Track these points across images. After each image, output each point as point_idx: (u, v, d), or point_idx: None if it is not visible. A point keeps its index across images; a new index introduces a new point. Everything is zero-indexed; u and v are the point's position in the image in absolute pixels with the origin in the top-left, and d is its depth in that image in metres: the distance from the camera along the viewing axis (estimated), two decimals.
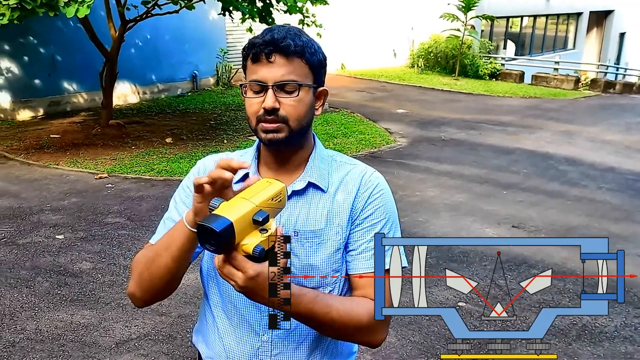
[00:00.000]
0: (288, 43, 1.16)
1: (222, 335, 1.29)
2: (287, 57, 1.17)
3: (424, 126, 9.56)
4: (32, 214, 5.02)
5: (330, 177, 1.28)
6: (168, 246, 1.16)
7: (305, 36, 1.22)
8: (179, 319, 3.45)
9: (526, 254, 4.61)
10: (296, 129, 1.20)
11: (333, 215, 1.24)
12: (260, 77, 1.17)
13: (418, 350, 3.24)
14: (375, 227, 1.25)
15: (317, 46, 1.24)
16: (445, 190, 6.19)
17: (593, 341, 3.41)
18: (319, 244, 1.23)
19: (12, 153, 6.89)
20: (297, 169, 1.27)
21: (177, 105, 10.10)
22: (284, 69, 1.17)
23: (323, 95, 1.28)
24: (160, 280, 1.20)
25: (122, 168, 6.41)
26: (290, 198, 1.24)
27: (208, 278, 1.32)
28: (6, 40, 8.51)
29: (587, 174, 7.14)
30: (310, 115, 1.24)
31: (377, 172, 1.32)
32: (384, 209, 1.27)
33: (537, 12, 20.18)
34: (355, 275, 1.25)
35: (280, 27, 1.20)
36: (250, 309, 1.25)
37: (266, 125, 1.18)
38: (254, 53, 1.17)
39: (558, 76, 15.64)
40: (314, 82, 1.22)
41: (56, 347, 3.13)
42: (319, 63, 1.23)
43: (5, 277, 3.88)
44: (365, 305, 1.20)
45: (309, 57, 1.19)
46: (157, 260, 1.18)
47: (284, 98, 1.18)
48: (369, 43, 15.18)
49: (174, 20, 8.66)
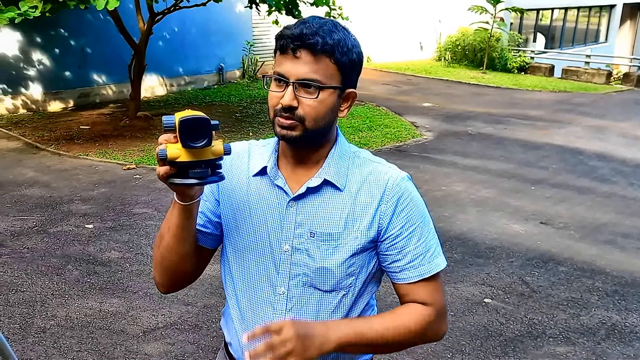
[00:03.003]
0: (316, 40, 1.10)
1: (236, 325, 1.30)
2: (314, 55, 1.11)
3: (450, 120, 9.46)
4: (62, 203, 5.12)
5: (350, 175, 1.22)
6: (169, 226, 1.18)
7: (341, 32, 1.14)
8: (205, 309, 3.49)
9: (554, 250, 4.54)
10: (312, 129, 1.15)
11: (354, 219, 1.20)
12: (284, 71, 1.13)
13: (443, 346, 3.22)
14: (415, 233, 1.22)
15: (353, 44, 1.16)
16: (471, 185, 6.12)
17: (623, 341, 3.34)
18: (336, 247, 1.20)
19: (43, 143, 7.03)
20: (315, 165, 1.23)
21: (204, 98, 10.18)
22: (308, 67, 1.12)
23: (351, 97, 1.21)
24: (170, 262, 1.23)
25: (150, 159, 6.49)
26: (306, 196, 1.21)
27: (226, 265, 1.32)
28: (38, 33, 8.67)
29: (618, 170, 6.98)
30: (331, 117, 1.18)
31: (402, 174, 1.26)
32: (417, 214, 1.23)
33: (568, 4, 19.75)
34: (402, 285, 1.25)
35: (315, 20, 1.14)
36: (263, 305, 1.25)
37: (282, 120, 1.15)
38: (282, 45, 1.13)
39: (589, 70, 15.29)
40: (340, 83, 1.16)
41: (85, 334, 3.20)
42: (351, 63, 1.16)
43: (37, 264, 3.97)
44: (416, 313, 1.23)
45: (338, 56, 1.13)
46: (163, 242, 1.21)
47: (304, 97, 1.13)
48: (396, 36, 15.06)
49: (200, 12, 8.72)
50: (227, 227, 1.28)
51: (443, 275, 1.31)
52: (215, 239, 1.30)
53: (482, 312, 3.60)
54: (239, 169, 1.27)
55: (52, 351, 3.03)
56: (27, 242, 4.31)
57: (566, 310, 3.66)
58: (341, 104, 1.20)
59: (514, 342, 3.29)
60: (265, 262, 1.23)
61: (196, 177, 1.03)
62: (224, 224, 1.28)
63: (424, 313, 1.22)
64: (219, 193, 1.27)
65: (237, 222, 1.25)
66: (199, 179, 1.04)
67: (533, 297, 3.81)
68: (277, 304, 1.23)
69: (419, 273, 1.22)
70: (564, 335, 3.39)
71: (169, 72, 10.59)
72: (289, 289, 1.22)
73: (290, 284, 1.22)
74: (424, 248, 1.22)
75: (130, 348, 3.09)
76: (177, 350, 3.09)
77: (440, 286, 1.26)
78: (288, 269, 1.21)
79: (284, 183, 1.22)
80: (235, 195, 1.26)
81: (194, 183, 1.04)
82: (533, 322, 3.51)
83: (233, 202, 1.26)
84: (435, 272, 1.23)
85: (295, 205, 1.21)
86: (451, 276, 4.01)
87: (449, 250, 4.45)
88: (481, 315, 3.57)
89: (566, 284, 4.01)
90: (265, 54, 12.32)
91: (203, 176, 1.04)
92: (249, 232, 1.24)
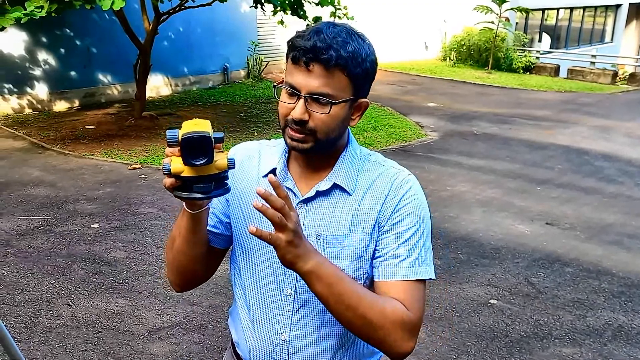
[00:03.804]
0: (330, 55, 1.07)
1: (244, 326, 1.31)
2: (326, 69, 1.09)
3: (456, 120, 9.44)
4: (68, 203, 5.14)
5: (359, 179, 1.21)
6: (180, 231, 1.20)
7: (355, 42, 1.11)
8: (210, 309, 3.49)
9: (560, 251, 4.52)
10: (323, 140, 1.15)
11: (358, 221, 1.19)
12: (295, 83, 1.11)
13: (448, 347, 3.21)
14: (405, 234, 1.17)
15: (367, 52, 1.13)
16: (476, 185, 6.10)
17: (629, 342, 3.33)
18: (341, 250, 1.19)
19: (49, 143, 7.06)
20: (325, 168, 1.22)
21: (208, 98, 10.19)
22: (320, 81, 1.09)
23: (363, 107, 1.19)
24: (182, 264, 1.25)
25: (155, 159, 6.50)
26: (315, 199, 1.21)
27: (234, 265, 1.32)
28: (44, 33, 8.70)
29: (624, 171, 6.95)
30: (342, 128, 1.17)
31: (411, 175, 1.23)
32: (415, 215, 1.19)
33: (574, 4, 19.68)
34: (381, 282, 1.18)
35: (329, 31, 1.10)
36: (270, 305, 1.25)
37: (292, 133, 1.14)
38: (294, 56, 1.11)
39: (595, 70, 15.23)
40: (352, 95, 1.14)
41: (91, 333, 3.21)
42: (364, 73, 1.13)
43: (43, 264, 3.98)
44: (395, 303, 1.14)
45: (352, 69, 1.10)
46: (175, 245, 1.23)
47: (315, 111, 1.12)
48: (401, 35, 15.03)
49: (205, 12, 8.73)
50: (237, 227, 1.28)
51: (448, 275, 1.30)
52: (225, 240, 1.30)
53: (488, 313, 3.59)
54: (250, 169, 1.28)
55: (57, 350, 3.04)
56: (33, 241, 4.33)
57: (572, 311, 3.65)
58: (352, 113, 1.19)
59: (519, 343, 3.28)
60: (273, 263, 1.23)
61: (200, 192, 1.04)
62: (233, 224, 1.28)
63: (403, 309, 1.14)
64: (230, 193, 1.27)
65: (246, 223, 1.25)
66: (202, 193, 1.04)
67: (539, 298, 3.80)
68: (284, 305, 1.23)
69: (403, 273, 1.17)
70: (570, 336, 3.37)
71: (174, 72, 10.61)
72: (296, 290, 1.22)
73: (297, 286, 1.21)
74: (416, 250, 1.18)
75: (136, 348, 3.09)
76: (183, 350, 3.09)
77: (422, 298, 1.18)
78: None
79: (293, 185, 1.22)
80: (245, 195, 1.26)
81: (198, 198, 1.05)
82: (539, 323, 3.50)
83: (243, 203, 1.26)
84: (421, 277, 1.18)
85: (304, 207, 1.21)
86: (456, 277, 4.00)
87: (454, 250, 4.44)
88: (487, 316, 3.56)
89: (572, 285, 3.99)
90: (270, 54, 12.33)
91: (207, 191, 1.04)
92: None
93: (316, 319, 1.22)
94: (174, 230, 1.22)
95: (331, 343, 1.24)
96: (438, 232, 4.72)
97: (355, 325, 1.12)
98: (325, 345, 1.24)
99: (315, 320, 1.22)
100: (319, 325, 1.22)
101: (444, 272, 4.06)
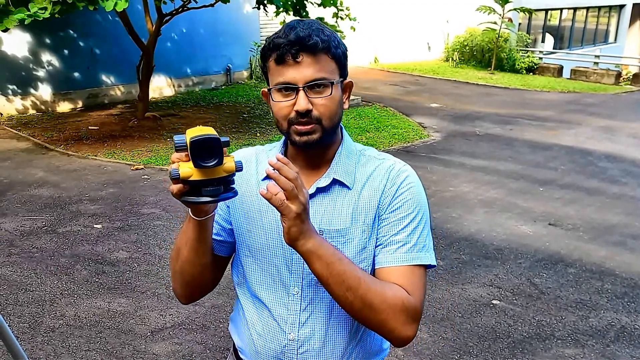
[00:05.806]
0: (315, 41, 1.11)
1: (250, 329, 1.30)
2: (314, 56, 1.13)
3: (458, 120, 9.43)
4: (71, 203, 5.15)
5: (357, 173, 1.23)
6: (186, 240, 1.20)
7: (328, 29, 1.18)
8: (212, 309, 3.50)
9: (563, 252, 4.51)
10: (329, 127, 1.17)
11: (358, 213, 1.21)
12: (289, 79, 1.13)
13: (450, 347, 3.21)
14: (403, 220, 1.19)
15: (337, 37, 1.20)
16: (479, 185, 6.10)
17: (632, 343, 3.32)
18: (344, 243, 1.20)
19: (52, 144, 7.08)
20: (323, 165, 1.24)
21: (211, 98, 10.21)
22: (312, 68, 1.13)
23: (349, 87, 1.25)
24: (190, 274, 1.25)
25: (158, 160, 6.52)
26: (315, 195, 1.22)
27: (238, 269, 1.33)
28: (47, 34, 8.73)
29: (628, 171, 6.93)
30: (341, 111, 1.20)
31: (407, 165, 1.27)
32: (413, 202, 1.20)
33: (577, 4, 19.64)
34: (381, 268, 1.19)
35: (301, 23, 1.16)
36: (277, 307, 1.24)
37: (300, 127, 1.15)
38: (279, 54, 1.13)
39: (598, 70, 15.20)
40: (340, 76, 1.19)
41: (94, 333, 3.21)
42: (343, 55, 1.19)
43: (46, 264, 4.00)
44: (396, 288, 1.14)
45: (334, 51, 1.15)
46: (181, 256, 1.22)
47: (316, 98, 1.14)
48: (403, 36, 15.04)
49: (208, 13, 8.75)
50: (239, 231, 1.28)
51: (451, 275, 1.30)
52: (229, 247, 1.31)
53: (490, 314, 3.58)
54: (248, 174, 1.28)
55: (60, 350, 3.05)
56: (37, 241, 4.34)
57: (575, 312, 3.64)
58: (343, 94, 1.23)
59: (522, 344, 3.27)
60: (278, 264, 1.24)
61: (209, 195, 1.04)
62: (235, 229, 1.29)
63: (404, 293, 1.15)
64: (230, 200, 1.28)
65: (249, 226, 1.26)
66: (212, 196, 1.05)
67: (541, 299, 3.79)
68: (291, 304, 1.23)
69: (403, 258, 1.18)
70: (573, 337, 3.36)
71: (177, 72, 10.63)
72: (302, 288, 1.22)
73: (304, 284, 1.22)
74: (414, 236, 1.19)
75: (138, 348, 3.10)
76: (185, 350, 3.10)
77: (423, 284, 1.19)
78: (301, 269, 1.22)
79: None
80: (245, 200, 1.27)
81: (208, 201, 1.05)
82: (541, 324, 3.49)
83: (244, 207, 1.27)
84: (421, 263, 1.19)
85: None
86: (459, 277, 3.99)
87: (457, 251, 4.43)
88: (489, 316, 3.55)
89: (575, 286, 3.98)
90: None
91: (216, 194, 1.05)
92: (260, 235, 1.25)
93: (324, 316, 1.23)
94: (178, 240, 1.22)
95: (339, 341, 1.24)
96: (441, 233, 4.72)
97: (356, 308, 1.12)
98: (334, 344, 1.24)
99: (323, 318, 1.23)
100: (326, 323, 1.23)
101: (447, 272, 4.05)
